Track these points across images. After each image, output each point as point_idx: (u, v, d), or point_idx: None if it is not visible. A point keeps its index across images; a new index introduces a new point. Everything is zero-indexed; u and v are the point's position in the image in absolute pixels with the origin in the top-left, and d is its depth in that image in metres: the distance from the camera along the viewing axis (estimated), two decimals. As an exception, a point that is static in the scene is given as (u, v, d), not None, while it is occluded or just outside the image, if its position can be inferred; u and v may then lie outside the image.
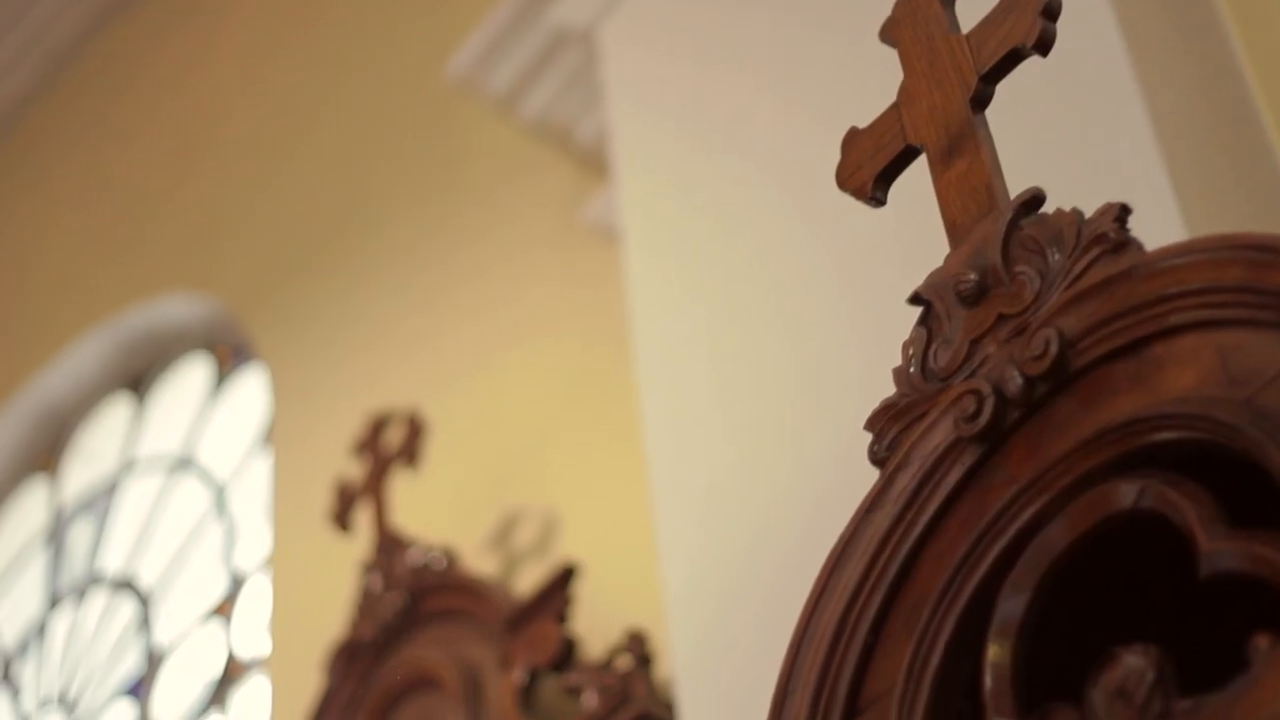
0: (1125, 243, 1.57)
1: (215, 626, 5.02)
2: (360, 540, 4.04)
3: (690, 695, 2.83)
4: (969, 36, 1.78)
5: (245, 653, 4.87)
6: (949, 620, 1.52)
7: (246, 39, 5.68)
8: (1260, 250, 1.47)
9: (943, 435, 1.59)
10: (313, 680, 3.95)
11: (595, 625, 3.56)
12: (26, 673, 5.54)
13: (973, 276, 1.64)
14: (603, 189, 4.06)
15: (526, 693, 3.48)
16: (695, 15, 3.44)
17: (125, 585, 5.38)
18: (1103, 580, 1.53)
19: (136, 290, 5.61)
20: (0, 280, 6.18)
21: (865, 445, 1.91)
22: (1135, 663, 1.38)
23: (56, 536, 5.70)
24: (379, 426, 4.08)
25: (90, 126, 6.08)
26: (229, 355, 5.44)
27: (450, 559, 3.81)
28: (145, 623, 5.23)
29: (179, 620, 5.13)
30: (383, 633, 3.81)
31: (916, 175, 1.81)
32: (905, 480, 1.60)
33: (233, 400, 5.37)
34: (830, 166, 2.78)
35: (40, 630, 5.57)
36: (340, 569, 4.07)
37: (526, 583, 3.75)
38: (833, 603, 1.58)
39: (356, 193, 4.98)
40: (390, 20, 5.13)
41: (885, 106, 1.84)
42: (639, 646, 3.39)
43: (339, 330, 4.84)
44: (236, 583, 5.02)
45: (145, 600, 5.28)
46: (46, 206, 6.12)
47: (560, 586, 3.53)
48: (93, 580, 5.51)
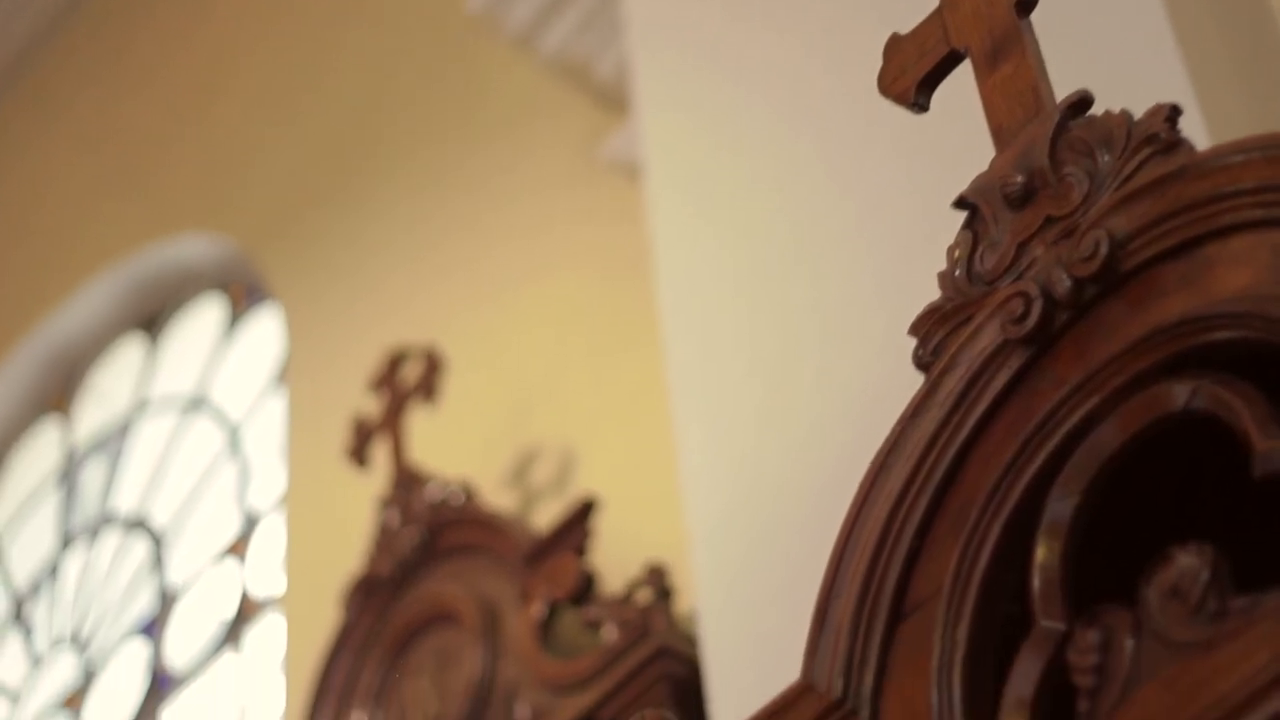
0: (1177, 143, 1.55)
1: (229, 566, 5.01)
2: (377, 476, 4.03)
3: (714, 629, 2.81)
4: (1013, -62, 1.75)
5: (259, 592, 4.86)
6: (996, 523, 1.49)
7: (261, -23, 5.65)
8: (1317, 148, 1.45)
9: (990, 338, 1.57)
10: (329, 617, 3.93)
11: (614, 559, 3.55)
12: (39, 613, 5.54)
13: (1020, 179, 1.61)
14: (622, 125, 4.04)
15: (546, 627, 3.47)
16: (716, -53, 3.41)
17: (138, 525, 5.36)
18: (1152, 483, 1.51)
19: (150, 230, 5.59)
20: (13, 221, 6.15)
21: (891, 375, 1.89)
22: (1189, 562, 1.36)
23: (69, 477, 5.69)
24: (396, 362, 4.07)
25: (104, 66, 6.05)
26: (242, 294, 5.43)
27: (468, 494, 3.80)
28: (158, 562, 5.23)
29: (192, 560, 5.12)
30: (400, 568, 3.80)
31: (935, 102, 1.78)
32: (951, 383, 1.57)
33: (247, 340, 5.36)
34: (852, 99, 2.77)
35: (53, 570, 5.56)
36: (357, 505, 4.05)
37: (545, 517, 3.74)
38: (877, 507, 1.56)
39: (372, 130, 4.96)
40: (407, -43, 5.10)
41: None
42: (659, 580, 3.39)
43: (354, 268, 4.82)
44: (250, 522, 5.01)
45: (158, 540, 5.27)
46: (59, 147, 6.09)
47: (579, 520, 3.52)
48: (105, 520, 5.50)
